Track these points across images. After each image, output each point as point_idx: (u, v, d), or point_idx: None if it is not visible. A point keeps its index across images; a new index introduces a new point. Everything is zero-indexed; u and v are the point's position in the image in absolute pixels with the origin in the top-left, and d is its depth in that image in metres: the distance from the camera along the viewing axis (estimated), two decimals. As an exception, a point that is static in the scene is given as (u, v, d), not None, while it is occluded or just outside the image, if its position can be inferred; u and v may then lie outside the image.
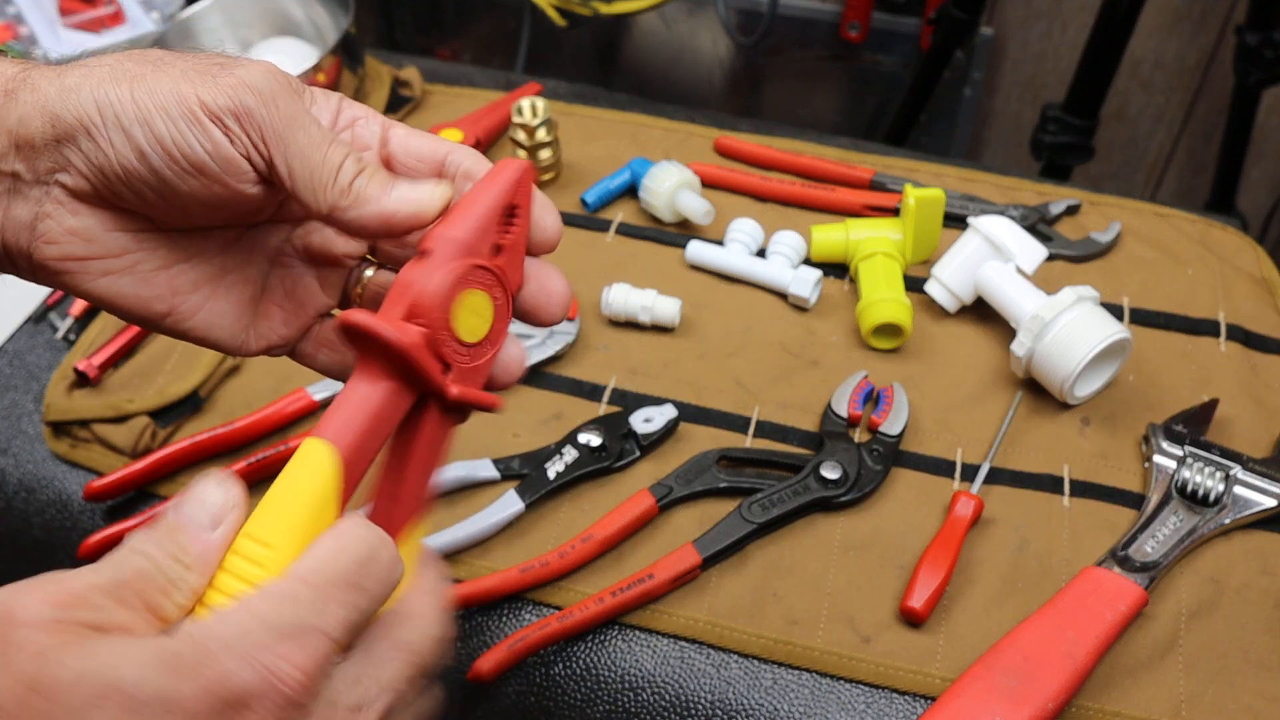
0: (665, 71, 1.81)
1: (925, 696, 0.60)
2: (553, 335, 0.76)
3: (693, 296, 0.81)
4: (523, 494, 0.67)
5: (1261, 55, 1.31)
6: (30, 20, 0.86)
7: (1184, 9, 1.50)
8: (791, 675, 0.62)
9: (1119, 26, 1.21)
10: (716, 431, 0.72)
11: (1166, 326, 0.80)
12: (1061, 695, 0.57)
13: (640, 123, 0.97)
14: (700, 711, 0.61)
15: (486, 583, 0.62)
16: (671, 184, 0.85)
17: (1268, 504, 0.67)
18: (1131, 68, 1.57)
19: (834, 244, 0.82)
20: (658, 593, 0.63)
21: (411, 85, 1.01)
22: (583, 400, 0.74)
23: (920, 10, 1.60)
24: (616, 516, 0.65)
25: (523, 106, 0.87)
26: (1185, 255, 0.85)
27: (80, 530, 0.69)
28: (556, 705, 0.62)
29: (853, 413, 0.72)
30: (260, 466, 0.68)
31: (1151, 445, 0.70)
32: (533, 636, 0.59)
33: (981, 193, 0.91)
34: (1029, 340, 0.72)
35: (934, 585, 0.62)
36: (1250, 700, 0.60)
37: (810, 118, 1.78)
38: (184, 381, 0.74)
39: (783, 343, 0.78)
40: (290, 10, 1.00)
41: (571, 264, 0.84)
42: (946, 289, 0.79)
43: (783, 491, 0.67)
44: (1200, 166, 1.66)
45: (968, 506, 0.66)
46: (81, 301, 0.80)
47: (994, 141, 1.74)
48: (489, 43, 1.89)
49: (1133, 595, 0.61)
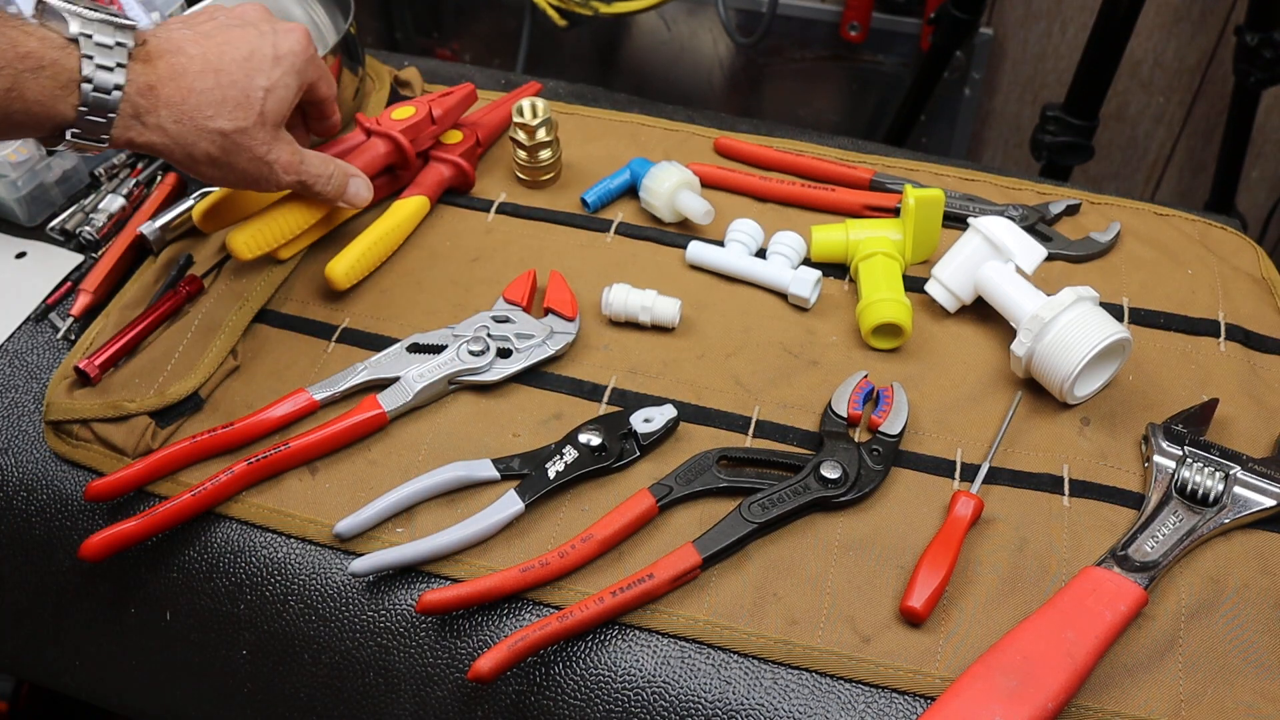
0: (665, 71, 1.81)
1: (925, 696, 0.60)
2: (553, 335, 0.76)
3: (693, 296, 0.81)
4: (523, 494, 0.67)
5: (1261, 55, 1.31)
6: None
7: (1184, 9, 1.50)
8: (791, 675, 0.62)
9: (1119, 26, 1.21)
10: (716, 431, 0.73)
11: (1166, 326, 0.80)
12: (1061, 695, 0.57)
13: (640, 123, 0.97)
14: (700, 711, 0.61)
15: (486, 583, 0.62)
16: (671, 184, 0.85)
17: (1267, 504, 0.67)
18: (1131, 68, 1.57)
19: (834, 244, 0.82)
20: (658, 593, 0.63)
21: (411, 85, 1.01)
22: (583, 400, 0.74)
23: (920, 10, 1.60)
24: (616, 516, 0.65)
25: (523, 106, 0.87)
26: (1185, 255, 0.85)
27: (80, 530, 0.69)
28: (556, 705, 0.62)
29: (853, 412, 0.72)
30: (260, 466, 0.68)
31: (1151, 445, 0.70)
32: (533, 636, 0.59)
33: (981, 193, 0.91)
34: (1029, 340, 0.72)
35: (934, 585, 0.62)
36: (1250, 700, 0.60)
37: (810, 118, 1.78)
38: (184, 381, 0.74)
39: (783, 343, 0.78)
40: (290, 10, 1.00)
41: (571, 264, 0.84)
42: (946, 289, 0.79)
43: (783, 491, 0.67)
44: (1200, 166, 1.66)
45: (967, 506, 0.66)
46: (82, 301, 0.80)
47: (994, 141, 1.74)
48: (489, 43, 1.89)
49: (1132, 595, 0.61)
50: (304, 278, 0.83)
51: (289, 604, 0.66)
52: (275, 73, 0.69)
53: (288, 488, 0.69)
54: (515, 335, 0.76)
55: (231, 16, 0.70)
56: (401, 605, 0.65)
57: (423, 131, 0.87)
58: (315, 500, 0.69)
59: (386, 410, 0.71)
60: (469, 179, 0.90)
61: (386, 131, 0.85)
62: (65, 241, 0.87)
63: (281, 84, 0.69)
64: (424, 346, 0.75)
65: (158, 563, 0.68)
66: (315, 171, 0.75)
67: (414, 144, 0.86)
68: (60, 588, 0.71)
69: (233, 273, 0.82)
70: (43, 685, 0.91)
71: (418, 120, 0.86)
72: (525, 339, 0.76)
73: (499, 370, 0.75)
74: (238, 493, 0.68)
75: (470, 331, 0.76)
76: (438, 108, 0.87)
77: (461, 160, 0.88)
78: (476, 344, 0.75)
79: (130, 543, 0.66)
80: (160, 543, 0.68)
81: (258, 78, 0.68)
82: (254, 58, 0.68)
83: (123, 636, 0.70)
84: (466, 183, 0.90)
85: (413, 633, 0.64)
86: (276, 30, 0.70)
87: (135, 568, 0.68)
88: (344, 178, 0.78)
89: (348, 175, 0.79)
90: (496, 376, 0.74)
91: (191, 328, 0.78)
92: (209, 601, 0.68)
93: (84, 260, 0.85)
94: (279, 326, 0.79)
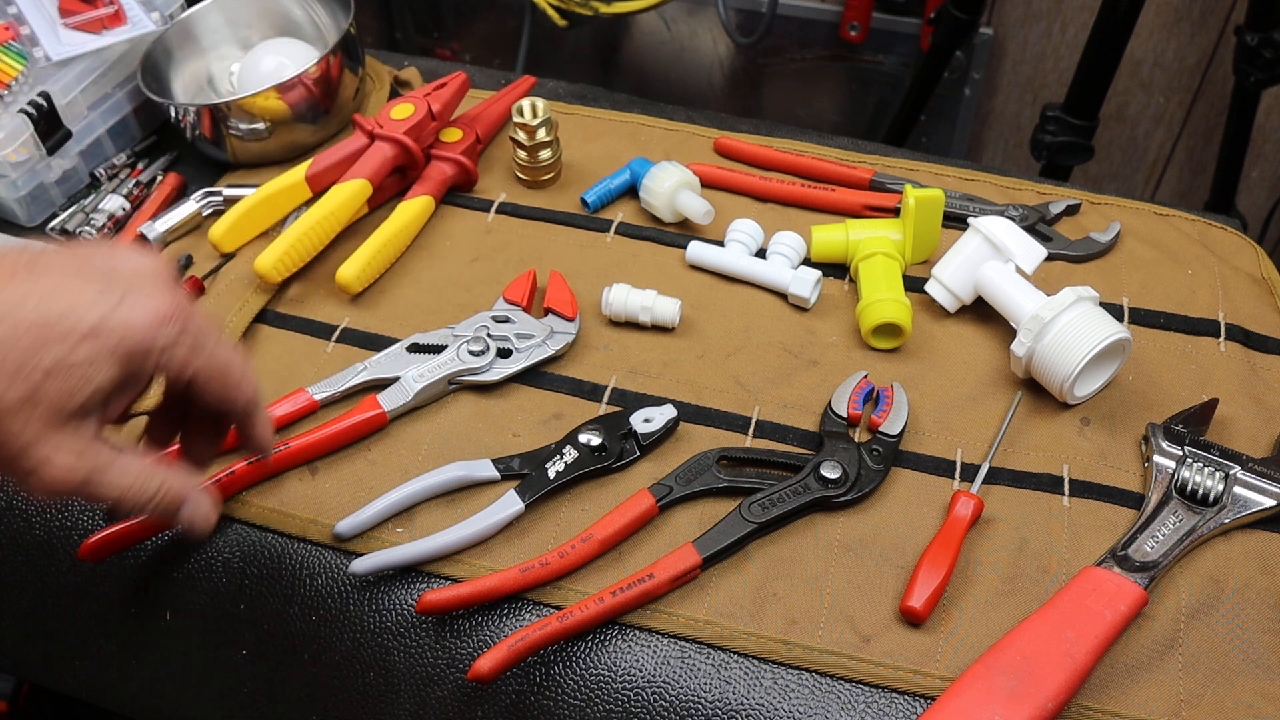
0: (665, 71, 1.81)
1: (925, 696, 0.60)
2: (553, 335, 0.76)
3: (693, 296, 0.81)
4: (523, 494, 0.67)
5: (1261, 55, 1.31)
6: (30, 20, 0.86)
7: (1184, 9, 1.50)
8: (791, 675, 0.62)
9: (1119, 26, 1.21)
10: (716, 431, 0.73)
11: (1166, 326, 0.80)
12: (1061, 695, 0.57)
13: (640, 123, 0.97)
14: (700, 711, 0.61)
15: (486, 583, 0.62)
16: (671, 184, 0.85)
17: (1267, 504, 0.67)
18: (1131, 68, 1.57)
19: (834, 244, 0.82)
20: (658, 593, 0.63)
21: (411, 85, 1.01)
22: (583, 400, 0.74)
23: (920, 10, 1.60)
24: (616, 516, 0.65)
25: (523, 106, 0.87)
26: (1185, 255, 0.85)
27: (80, 530, 0.70)
28: (556, 705, 0.62)
29: (853, 412, 0.72)
30: (260, 466, 0.68)
31: (1151, 445, 0.70)
32: (533, 636, 0.59)
33: (981, 193, 0.91)
34: (1029, 340, 0.72)
35: (934, 585, 0.62)
36: (1250, 700, 0.60)
37: (810, 118, 1.78)
38: (184, 381, 0.74)
39: (783, 343, 0.78)
40: (290, 10, 1.00)
41: (571, 264, 0.84)
42: (946, 289, 0.79)
43: (782, 491, 0.67)
44: (1200, 166, 1.66)
45: (967, 506, 0.66)
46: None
47: (994, 141, 1.74)
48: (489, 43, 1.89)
49: (1132, 595, 0.61)
50: (304, 278, 0.83)
51: (289, 604, 0.66)
52: (78, 351, 0.49)
53: (288, 488, 0.69)
54: (515, 335, 0.76)
55: (81, 263, 0.51)
56: (401, 605, 0.65)
57: (425, 129, 0.87)
58: (315, 500, 0.68)
59: (386, 410, 0.71)
60: (472, 176, 0.90)
61: (391, 135, 0.85)
62: (65, 241, 0.87)
63: (81, 367, 0.49)
64: (424, 346, 0.75)
65: (158, 563, 0.68)
66: (122, 485, 0.53)
67: (418, 142, 0.86)
68: (60, 588, 0.71)
69: (233, 273, 0.82)
70: (43, 685, 0.91)
71: (419, 119, 0.86)
72: (525, 339, 0.76)
73: (499, 370, 0.75)
74: (238, 493, 0.68)
75: (470, 331, 0.76)
76: (435, 102, 0.87)
77: (463, 158, 0.88)
78: (476, 344, 0.75)
79: (130, 543, 0.66)
80: (160, 543, 0.68)
81: (48, 349, 0.48)
82: (60, 323, 0.49)
83: (123, 636, 0.70)
84: (469, 180, 0.90)
85: (413, 633, 0.64)
86: (126, 297, 0.50)
87: (135, 568, 0.68)
88: (174, 499, 0.55)
89: (181, 496, 0.56)
90: (496, 376, 0.74)
91: (191, 328, 0.77)
92: (209, 601, 0.68)
93: (84, 260, 0.85)
94: (279, 326, 0.79)
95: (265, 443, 0.61)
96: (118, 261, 0.52)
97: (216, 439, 0.62)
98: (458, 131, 0.91)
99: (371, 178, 0.84)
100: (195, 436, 0.62)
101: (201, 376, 0.54)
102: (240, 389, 0.56)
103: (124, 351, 0.50)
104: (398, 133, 0.85)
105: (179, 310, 0.52)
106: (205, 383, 0.54)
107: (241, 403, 0.57)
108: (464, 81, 0.91)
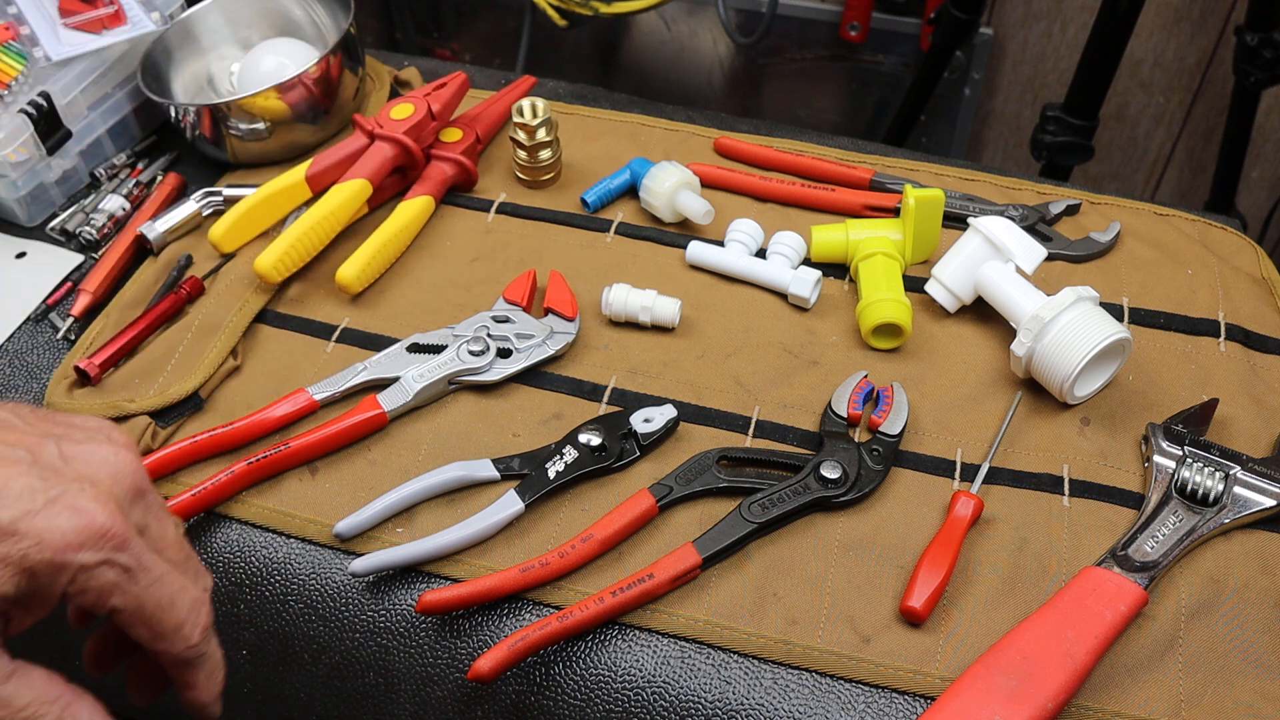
0: (665, 71, 1.81)
1: (925, 696, 0.60)
2: (553, 335, 0.76)
3: (693, 296, 0.81)
4: (523, 494, 0.67)
5: (1261, 55, 1.31)
6: (30, 20, 0.86)
7: (1184, 9, 1.50)
8: (791, 675, 0.62)
9: (1119, 26, 1.21)
10: (716, 431, 0.73)
11: (1166, 326, 0.80)
12: (1061, 695, 0.57)
13: (640, 123, 0.97)
14: (700, 711, 0.61)
15: (486, 583, 0.62)
16: (671, 184, 0.85)
17: (1267, 504, 0.67)
18: (1131, 68, 1.57)
19: (834, 244, 0.82)
20: (658, 593, 0.63)
21: (411, 85, 1.01)
22: (583, 400, 0.74)
23: (920, 10, 1.60)
24: (616, 516, 0.65)
25: (523, 106, 0.87)
26: (1185, 255, 0.85)
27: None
28: (556, 705, 0.62)
29: (853, 412, 0.72)
30: (260, 466, 0.68)
31: (1151, 445, 0.70)
32: (533, 636, 0.59)
33: (981, 193, 0.91)
34: (1029, 340, 0.72)
35: (934, 585, 0.62)
36: (1250, 700, 0.60)
37: (810, 118, 1.78)
38: (185, 382, 0.74)
39: (783, 343, 0.78)
40: (290, 10, 1.00)
41: (571, 264, 0.84)
42: (946, 289, 0.79)
43: (782, 491, 0.67)
44: (1200, 166, 1.66)
45: (967, 506, 0.66)
46: (82, 301, 0.80)
47: (994, 141, 1.74)
48: (489, 43, 1.89)
49: (1132, 595, 0.61)
50: (304, 278, 0.83)
51: (289, 604, 0.66)
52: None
53: (288, 488, 0.69)
54: (515, 335, 0.76)
55: (33, 443, 0.43)
56: (401, 605, 0.65)
57: (425, 129, 0.87)
58: (315, 500, 0.68)
59: (386, 410, 0.71)
60: (472, 176, 0.90)
61: (391, 135, 0.85)
62: (65, 241, 0.87)
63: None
64: (424, 346, 0.75)
65: (158, 563, 0.68)
66: (17, 704, 0.44)
67: (418, 142, 0.86)
68: (60, 588, 0.71)
69: (233, 273, 0.82)
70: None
71: (419, 119, 0.86)
72: (525, 339, 0.76)
73: (499, 370, 0.75)
74: (238, 493, 0.68)
75: (470, 331, 0.76)
76: (435, 102, 0.87)
77: (463, 158, 0.88)
78: (476, 344, 0.75)
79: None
80: (160, 543, 0.68)
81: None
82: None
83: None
84: (469, 180, 0.90)
85: (413, 633, 0.64)
86: (60, 500, 0.41)
87: (135, 568, 0.68)
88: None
89: (74, 716, 0.46)
90: (496, 376, 0.74)
91: (191, 328, 0.78)
92: (209, 601, 0.67)
93: (84, 260, 0.85)
94: (279, 326, 0.79)
95: (203, 703, 0.48)
96: (78, 453, 0.44)
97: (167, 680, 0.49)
98: (458, 131, 0.91)
99: (371, 178, 0.84)
100: (143, 667, 0.51)
101: (125, 614, 0.44)
102: (177, 637, 0.45)
103: (31, 563, 0.41)
104: (398, 133, 0.85)
105: (115, 531, 0.42)
106: (130, 624, 0.44)
107: (176, 653, 0.46)
108: (464, 81, 0.91)
